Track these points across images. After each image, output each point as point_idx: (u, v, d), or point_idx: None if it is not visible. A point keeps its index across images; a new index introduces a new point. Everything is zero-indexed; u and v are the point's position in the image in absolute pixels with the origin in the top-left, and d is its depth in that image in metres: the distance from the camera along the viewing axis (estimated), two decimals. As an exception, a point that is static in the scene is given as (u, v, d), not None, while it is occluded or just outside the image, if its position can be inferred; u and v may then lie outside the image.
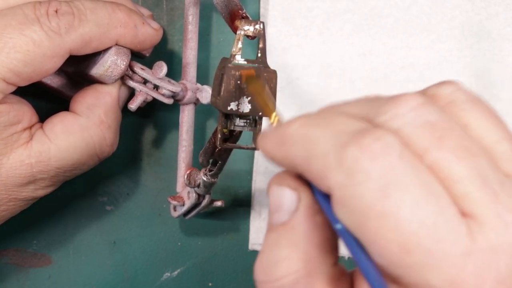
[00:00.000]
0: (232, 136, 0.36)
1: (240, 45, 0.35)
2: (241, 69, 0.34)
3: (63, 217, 0.47)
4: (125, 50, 0.40)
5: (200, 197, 0.43)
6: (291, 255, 0.26)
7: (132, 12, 0.40)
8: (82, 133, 0.39)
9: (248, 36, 0.37)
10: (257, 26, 0.37)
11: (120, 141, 0.42)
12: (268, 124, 0.29)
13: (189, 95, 0.44)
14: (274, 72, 0.35)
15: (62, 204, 0.47)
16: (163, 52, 0.47)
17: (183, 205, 0.44)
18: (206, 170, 0.41)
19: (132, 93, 0.42)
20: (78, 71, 0.41)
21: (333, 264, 0.26)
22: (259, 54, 0.36)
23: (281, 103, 0.46)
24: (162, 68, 0.42)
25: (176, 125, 0.45)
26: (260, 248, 0.27)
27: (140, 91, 0.42)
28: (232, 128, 0.35)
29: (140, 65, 0.42)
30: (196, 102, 0.45)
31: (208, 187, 0.42)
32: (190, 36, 0.45)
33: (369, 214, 0.23)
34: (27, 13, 0.36)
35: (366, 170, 0.23)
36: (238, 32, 0.36)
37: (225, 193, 0.48)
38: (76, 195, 0.47)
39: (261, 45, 0.36)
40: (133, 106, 0.41)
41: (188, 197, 0.43)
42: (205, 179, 0.41)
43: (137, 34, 0.40)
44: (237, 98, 0.34)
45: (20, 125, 0.38)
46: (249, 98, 0.34)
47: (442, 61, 0.48)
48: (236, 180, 0.48)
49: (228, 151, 0.39)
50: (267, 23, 0.48)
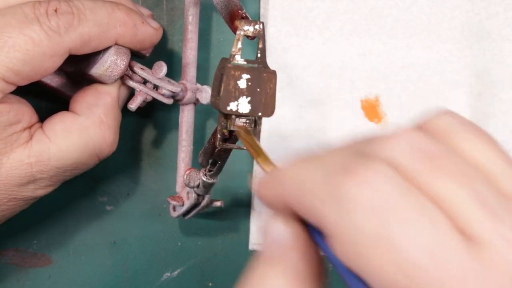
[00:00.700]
0: (232, 137, 0.36)
1: (239, 45, 0.35)
2: (242, 70, 0.34)
3: (63, 217, 0.47)
4: (125, 49, 0.40)
5: (200, 197, 0.43)
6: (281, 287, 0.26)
7: (131, 12, 0.40)
8: (81, 133, 0.39)
9: (248, 36, 0.37)
10: (257, 26, 0.36)
11: (120, 141, 0.42)
12: (264, 171, 0.29)
13: (188, 95, 0.44)
14: (274, 72, 0.35)
15: (62, 204, 0.47)
16: (163, 52, 0.47)
17: (183, 205, 0.44)
18: (205, 170, 0.41)
19: (132, 93, 0.42)
20: (77, 70, 0.41)
21: None
22: (259, 54, 0.36)
23: (281, 103, 0.46)
24: (162, 68, 0.42)
25: (175, 125, 0.45)
26: (244, 279, 0.27)
27: (140, 91, 0.42)
28: (231, 129, 0.35)
29: (140, 65, 0.42)
30: (196, 102, 0.45)
31: (208, 187, 0.42)
32: (190, 36, 0.45)
33: (368, 246, 0.22)
34: (27, 12, 0.36)
35: (358, 200, 0.22)
36: (238, 32, 0.36)
37: (225, 193, 0.48)
38: (76, 195, 0.47)
39: (260, 45, 0.36)
40: (132, 106, 0.41)
41: (188, 197, 0.43)
42: (204, 179, 0.41)
43: (137, 34, 0.40)
44: (236, 99, 0.34)
45: (19, 125, 0.38)
46: (249, 99, 0.34)
47: (442, 61, 0.48)
48: (236, 180, 0.48)
49: (228, 151, 0.39)
50: (267, 23, 0.48)
